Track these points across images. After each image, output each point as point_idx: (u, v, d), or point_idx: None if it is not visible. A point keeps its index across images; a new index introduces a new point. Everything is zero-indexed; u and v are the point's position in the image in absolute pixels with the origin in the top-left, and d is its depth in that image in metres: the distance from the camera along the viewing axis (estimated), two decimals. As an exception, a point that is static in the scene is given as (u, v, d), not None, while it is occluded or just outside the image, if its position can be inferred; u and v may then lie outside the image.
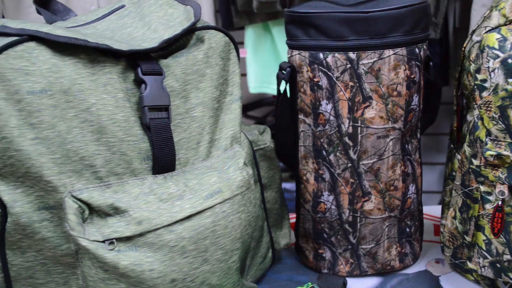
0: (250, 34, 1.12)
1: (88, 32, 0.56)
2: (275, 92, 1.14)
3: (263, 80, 1.15)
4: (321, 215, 0.67)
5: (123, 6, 0.64)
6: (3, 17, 1.03)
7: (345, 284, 0.60)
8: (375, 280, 0.69)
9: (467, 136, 0.62)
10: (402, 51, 0.60)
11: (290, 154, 0.70)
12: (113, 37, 0.56)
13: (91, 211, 0.49)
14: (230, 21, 1.09)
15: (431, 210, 0.88)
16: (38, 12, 0.67)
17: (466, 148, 0.62)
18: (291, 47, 0.64)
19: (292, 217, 0.88)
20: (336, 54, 0.60)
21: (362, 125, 0.61)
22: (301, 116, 0.66)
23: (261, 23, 1.08)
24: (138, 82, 0.52)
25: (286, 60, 1.12)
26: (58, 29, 0.50)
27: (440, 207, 0.90)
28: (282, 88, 0.68)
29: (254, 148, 0.64)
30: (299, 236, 0.72)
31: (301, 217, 0.70)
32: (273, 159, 0.67)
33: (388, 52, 0.59)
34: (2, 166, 0.48)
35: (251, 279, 0.64)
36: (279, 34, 1.07)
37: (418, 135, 0.67)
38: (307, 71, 0.62)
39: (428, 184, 1.71)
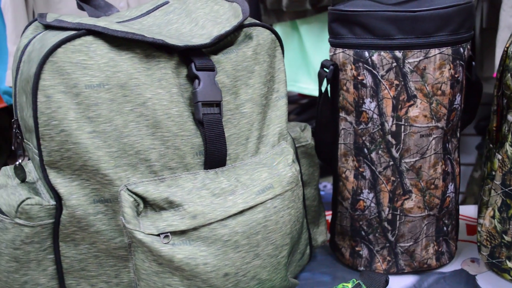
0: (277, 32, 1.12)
1: (135, 27, 0.57)
2: (301, 91, 1.15)
3: (289, 78, 1.15)
4: (359, 213, 0.67)
5: (167, 2, 0.64)
6: (33, 13, 1.04)
7: (387, 281, 0.60)
8: (411, 278, 0.69)
9: (509, 136, 0.62)
10: (448, 50, 0.60)
11: (329, 152, 0.70)
12: (161, 33, 0.56)
13: (146, 205, 0.49)
14: (258, 19, 1.10)
15: (464, 210, 0.88)
16: (80, 7, 0.68)
17: (508, 148, 0.62)
18: (335, 45, 0.64)
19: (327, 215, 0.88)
20: (382, 53, 0.60)
21: (406, 124, 0.62)
22: (342, 114, 0.66)
23: (289, 21, 1.09)
24: (191, 78, 0.53)
25: (313, 59, 1.12)
26: (114, 24, 0.50)
27: (472, 206, 0.90)
28: (323, 86, 0.68)
29: (296, 145, 0.65)
30: (335, 233, 0.73)
31: (338, 215, 0.71)
32: (313, 156, 0.68)
33: (434, 51, 0.60)
34: (59, 158, 0.48)
35: (291, 275, 0.64)
36: (306, 32, 1.08)
37: (458, 134, 0.67)
38: (351, 69, 0.63)
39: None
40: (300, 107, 1.31)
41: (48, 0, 1.04)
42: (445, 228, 0.69)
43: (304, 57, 1.11)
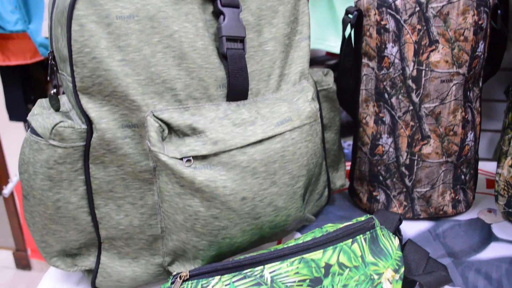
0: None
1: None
2: (329, 49, 1.15)
3: (317, 36, 1.16)
4: (378, 158, 0.69)
5: None
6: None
7: (400, 220, 0.62)
8: (427, 224, 0.71)
9: (531, 85, 0.63)
10: (472, -4, 0.60)
11: (350, 98, 0.72)
12: None
13: (170, 131, 0.52)
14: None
15: (485, 165, 0.89)
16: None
17: (529, 96, 0.62)
18: (360, -10, 0.65)
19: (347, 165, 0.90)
20: (406, -3, 0.61)
21: (427, 69, 0.63)
22: (364, 60, 0.67)
23: (320, -22, 1.09)
24: (217, 14, 0.55)
25: (342, 16, 1.12)
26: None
27: (494, 163, 0.91)
28: (347, 32, 0.69)
29: (318, 89, 0.67)
30: (354, 179, 0.75)
31: (358, 160, 0.73)
32: (334, 101, 0.69)
33: (457, -4, 0.60)
34: (91, 84, 0.51)
35: (309, 213, 0.67)
36: (337, -11, 1.08)
37: (480, 84, 0.68)
38: (375, 14, 0.64)
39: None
40: (328, 68, 1.32)
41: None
42: (463, 177, 0.70)
43: (333, 15, 1.11)
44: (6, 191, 1.53)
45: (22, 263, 2.09)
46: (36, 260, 2.14)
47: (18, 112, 1.44)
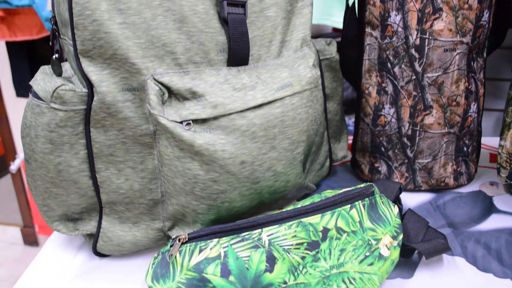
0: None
1: None
2: (334, 25, 1.15)
3: (323, 11, 1.15)
4: (380, 128, 0.69)
5: None
6: None
7: (401, 189, 0.62)
8: (428, 195, 0.71)
9: (536, 55, 0.62)
10: (477, -37, 0.60)
11: (353, 69, 0.71)
12: None
13: (170, 95, 0.52)
14: None
15: (488, 140, 0.89)
16: None
17: (533, 67, 0.62)
18: (364, -42, 0.65)
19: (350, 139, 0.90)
20: (410, -36, 0.60)
21: (430, 37, 0.62)
22: (368, 29, 0.67)
23: (326, -49, 1.08)
24: (218, -23, 0.54)
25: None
26: None
27: (498, 138, 0.90)
28: (350, 1, 0.69)
29: (320, 58, 0.66)
30: (356, 150, 0.75)
31: (360, 131, 0.72)
32: (337, 71, 0.69)
33: (462, -37, 0.59)
34: (91, 47, 0.51)
35: (310, 182, 0.67)
36: (343, -37, 1.07)
37: (485, 55, 0.67)
38: (378, -19, 0.63)
39: (483, 131, 1.68)
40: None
41: None
42: (465, 149, 0.70)
43: (340, -11, 1.10)
44: (14, 167, 1.55)
45: (30, 240, 2.12)
46: (44, 237, 2.16)
47: (24, 88, 1.45)
